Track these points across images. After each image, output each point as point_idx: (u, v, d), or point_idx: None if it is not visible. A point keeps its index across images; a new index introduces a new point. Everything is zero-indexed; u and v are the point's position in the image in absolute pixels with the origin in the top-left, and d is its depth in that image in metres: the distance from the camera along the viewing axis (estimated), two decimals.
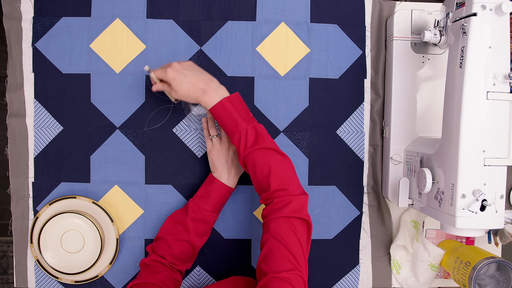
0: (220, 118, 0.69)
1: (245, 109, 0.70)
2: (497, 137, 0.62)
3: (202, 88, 0.69)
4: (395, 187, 0.82)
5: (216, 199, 0.76)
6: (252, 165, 0.68)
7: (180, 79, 0.69)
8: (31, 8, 0.81)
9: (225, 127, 0.70)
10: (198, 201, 0.76)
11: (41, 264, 0.81)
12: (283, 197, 0.64)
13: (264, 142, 0.68)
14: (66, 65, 0.81)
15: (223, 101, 0.68)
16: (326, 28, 0.84)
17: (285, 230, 0.62)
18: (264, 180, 0.67)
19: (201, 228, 0.75)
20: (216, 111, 0.69)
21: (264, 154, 0.67)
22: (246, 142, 0.68)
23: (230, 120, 0.69)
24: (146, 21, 0.82)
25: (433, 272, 0.83)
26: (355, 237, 0.86)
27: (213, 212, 0.76)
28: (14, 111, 0.81)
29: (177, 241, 0.74)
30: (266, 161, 0.67)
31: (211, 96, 0.69)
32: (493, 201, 0.62)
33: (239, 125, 0.68)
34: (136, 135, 0.83)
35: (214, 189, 0.76)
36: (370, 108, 0.85)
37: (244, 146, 0.68)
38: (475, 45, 0.61)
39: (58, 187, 0.82)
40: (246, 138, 0.68)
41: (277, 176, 0.66)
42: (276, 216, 0.63)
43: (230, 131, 0.69)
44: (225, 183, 0.76)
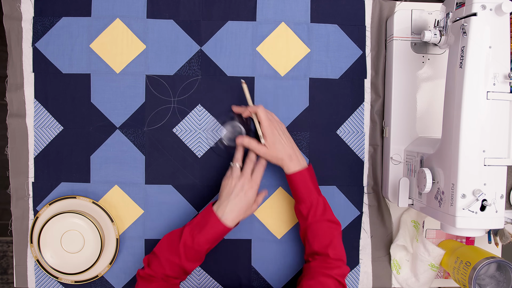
0: (296, 184, 0.74)
1: (316, 181, 0.77)
2: (497, 137, 0.62)
3: (290, 155, 0.75)
4: (395, 187, 0.82)
5: (208, 236, 0.70)
6: (313, 235, 0.74)
7: (278, 138, 0.74)
8: (31, 8, 0.81)
9: (298, 193, 0.75)
10: (193, 229, 0.71)
11: (41, 264, 0.81)
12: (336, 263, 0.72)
13: (329, 214, 0.75)
14: (66, 65, 0.81)
15: (304, 171, 0.74)
16: (326, 28, 0.84)
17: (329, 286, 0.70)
18: (322, 249, 0.73)
19: (192, 256, 0.71)
20: (296, 178, 0.74)
21: (328, 226, 0.74)
22: (316, 212, 0.74)
23: (305, 189, 0.74)
24: (146, 21, 0.82)
25: (433, 272, 0.83)
26: (355, 237, 0.86)
27: (207, 244, 0.71)
28: (14, 111, 0.81)
29: (168, 263, 0.70)
30: (329, 234, 0.74)
31: (294, 164, 0.74)
32: (493, 201, 0.62)
33: (312, 195, 0.74)
34: (136, 135, 0.83)
35: (208, 224, 0.70)
36: (370, 108, 0.85)
37: (313, 215, 0.74)
38: (475, 45, 0.61)
39: (58, 187, 0.82)
40: (316, 208, 0.74)
41: (336, 248, 0.73)
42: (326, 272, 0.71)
43: (301, 198, 0.75)
44: (220, 219, 0.70)
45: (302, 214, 0.75)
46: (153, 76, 0.82)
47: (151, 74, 0.82)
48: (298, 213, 0.77)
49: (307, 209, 0.74)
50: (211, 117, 0.83)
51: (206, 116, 0.83)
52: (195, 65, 0.83)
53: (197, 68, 0.83)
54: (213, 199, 0.84)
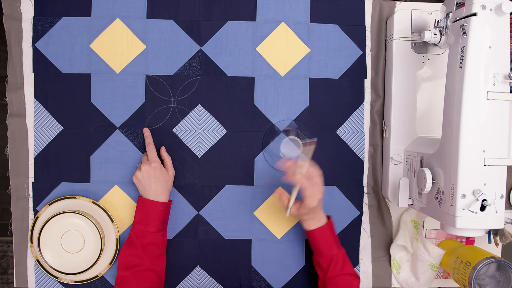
0: (316, 240, 0.75)
1: (336, 234, 0.78)
2: (497, 137, 0.62)
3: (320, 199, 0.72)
4: (395, 187, 0.82)
5: (154, 218, 0.75)
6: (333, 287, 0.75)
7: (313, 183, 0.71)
8: (31, 8, 0.81)
9: (318, 248, 0.76)
10: (138, 226, 0.75)
11: (41, 264, 0.81)
12: None
13: (348, 268, 0.76)
14: (66, 65, 0.81)
15: (325, 227, 0.75)
16: (326, 28, 0.84)
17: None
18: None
19: (153, 251, 0.75)
20: (316, 234, 0.75)
21: (347, 281, 0.75)
22: (335, 267, 0.75)
23: (326, 244, 0.75)
24: (146, 21, 0.82)
25: (433, 272, 0.83)
26: (355, 237, 0.86)
27: (158, 231, 0.76)
28: (14, 111, 0.81)
29: (138, 273, 0.73)
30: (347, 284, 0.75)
31: (316, 221, 0.75)
32: (493, 201, 0.62)
33: (332, 250, 0.75)
34: (136, 135, 0.82)
35: (149, 210, 0.75)
36: (370, 108, 0.85)
37: (333, 269, 0.74)
38: (475, 45, 0.61)
39: (58, 187, 0.82)
40: (336, 263, 0.75)
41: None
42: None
43: (321, 252, 0.75)
44: (155, 200, 0.76)
45: (322, 267, 0.76)
46: (153, 76, 0.82)
47: (151, 74, 0.82)
48: (317, 265, 0.77)
49: (327, 263, 0.75)
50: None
51: (206, 116, 0.83)
52: (195, 65, 0.83)
53: (197, 68, 0.83)
54: (210, 203, 0.84)
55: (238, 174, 0.84)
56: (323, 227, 0.75)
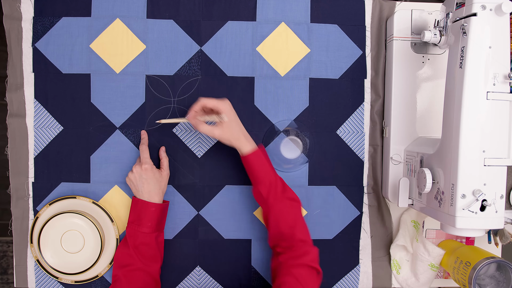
0: (253, 164, 0.74)
1: (270, 161, 0.77)
2: (497, 137, 0.62)
3: (244, 134, 0.75)
4: (395, 187, 0.82)
5: (147, 219, 0.75)
6: (277, 214, 0.73)
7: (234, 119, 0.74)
8: (31, 8, 0.81)
9: (256, 174, 0.74)
10: (132, 226, 0.76)
11: (41, 264, 0.81)
12: (303, 247, 0.71)
13: (289, 192, 0.75)
14: (66, 65, 0.81)
15: (258, 151, 0.74)
16: (326, 28, 0.84)
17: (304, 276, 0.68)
18: (287, 230, 0.72)
19: (146, 252, 0.75)
20: (252, 158, 0.74)
21: (290, 205, 0.74)
22: (276, 191, 0.73)
23: (262, 169, 0.74)
24: (146, 21, 0.82)
25: (433, 272, 0.83)
26: (355, 237, 0.86)
27: (152, 232, 0.76)
28: (14, 111, 0.81)
29: (130, 273, 0.73)
30: (292, 214, 0.73)
31: (250, 143, 0.75)
32: (493, 201, 0.62)
33: (269, 175, 0.74)
34: (136, 135, 0.82)
35: (141, 210, 0.75)
36: (370, 108, 0.85)
37: (274, 194, 0.73)
38: (475, 45, 0.61)
39: (58, 187, 0.82)
40: (276, 188, 0.73)
41: (301, 228, 0.73)
42: (297, 262, 0.69)
43: (259, 178, 0.74)
44: (148, 201, 0.76)
45: (262, 195, 0.74)
46: (153, 76, 0.82)
47: (151, 74, 0.82)
48: (258, 195, 0.75)
49: (267, 189, 0.73)
50: None
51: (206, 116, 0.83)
52: (195, 65, 0.83)
53: (197, 68, 0.83)
54: (210, 202, 0.84)
55: (238, 174, 0.84)
56: (257, 150, 0.74)
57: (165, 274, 0.84)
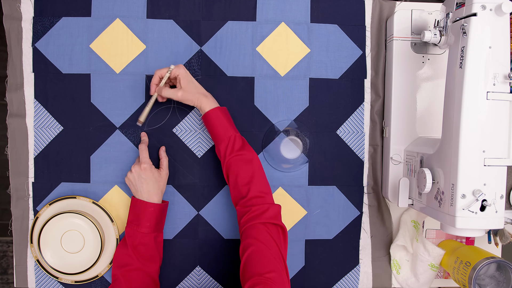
0: (212, 122, 0.75)
1: (232, 122, 0.77)
2: (497, 137, 0.62)
3: (204, 93, 0.76)
4: (395, 187, 0.82)
5: (146, 219, 0.75)
6: (235, 171, 0.73)
7: (189, 78, 0.76)
8: (31, 8, 0.81)
9: (215, 132, 0.75)
10: (131, 225, 0.76)
11: (41, 264, 0.81)
12: (261, 205, 0.70)
13: (247, 148, 0.75)
14: (66, 65, 0.81)
15: (217, 109, 0.75)
16: (326, 28, 0.84)
17: (264, 235, 0.66)
18: (244, 187, 0.72)
19: (144, 252, 0.75)
20: (212, 115, 0.74)
21: (248, 161, 0.73)
22: (233, 147, 0.73)
23: (221, 126, 0.74)
24: (146, 21, 0.82)
25: (433, 272, 0.83)
26: (355, 237, 0.86)
27: (150, 232, 0.76)
28: (14, 111, 0.81)
29: (129, 273, 0.74)
30: (249, 170, 0.73)
31: (210, 101, 0.75)
32: (493, 201, 0.62)
33: (228, 132, 0.74)
34: (136, 135, 0.82)
35: (140, 210, 0.76)
36: (370, 108, 0.85)
37: (231, 150, 0.73)
38: (475, 45, 0.61)
39: (58, 187, 0.82)
40: (234, 144, 0.74)
41: (257, 184, 0.72)
42: (256, 222, 0.68)
43: (219, 136, 0.75)
44: (147, 201, 0.76)
45: (221, 152, 0.75)
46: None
47: (151, 74, 0.82)
48: (218, 153, 0.77)
49: (225, 146, 0.74)
50: None
51: None
52: (195, 65, 0.83)
53: (197, 68, 0.83)
54: (209, 202, 0.84)
55: None
56: (217, 108, 0.75)
57: (165, 274, 0.84)
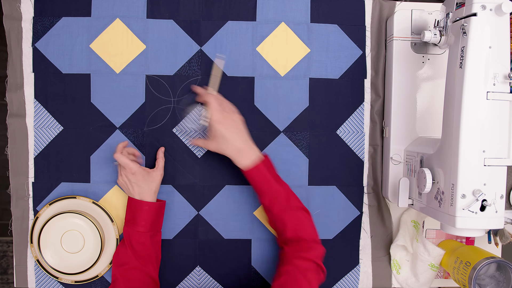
0: (252, 180, 0.74)
1: (274, 171, 0.76)
2: (497, 137, 0.62)
3: (239, 149, 0.73)
4: (395, 187, 0.82)
5: (141, 217, 0.75)
6: (282, 224, 0.73)
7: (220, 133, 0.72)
8: (31, 8, 0.81)
9: (257, 188, 0.74)
10: (128, 224, 0.76)
11: (41, 264, 0.81)
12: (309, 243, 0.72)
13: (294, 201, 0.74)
14: (66, 65, 0.81)
15: (259, 165, 0.73)
16: (326, 28, 0.84)
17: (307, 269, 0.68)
18: (294, 234, 0.72)
19: (141, 251, 0.75)
20: (250, 174, 0.73)
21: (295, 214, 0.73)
22: (279, 202, 0.73)
23: (263, 182, 0.73)
24: (146, 21, 0.82)
25: (433, 272, 0.83)
26: (355, 237, 0.86)
27: (146, 232, 0.76)
28: (14, 111, 0.81)
29: (127, 272, 0.74)
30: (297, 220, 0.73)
31: (245, 158, 0.73)
32: (493, 201, 0.62)
33: (272, 187, 0.73)
34: (136, 135, 0.82)
35: (135, 209, 0.76)
36: (370, 108, 0.85)
37: (278, 206, 0.73)
38: (475, 45, 0.61)
39: (58, 187, 0.82)
40: (278, 199, 0.73)
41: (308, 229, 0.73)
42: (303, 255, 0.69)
43: (261, 191, 0.74)
44: (140, 199, 0.76)
45: (266, 206, 0.75)
46: (153, 76, 0.82)
47: (151, 74, 0.82)
48: (265, 207, 0.76)
49: (269, 201, 0.73)
50: None
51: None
52: (195, 65, 0.83)
53: (197, 68, 0.83)
54: (209, 203, 0.84)
55: (238, 174, 0.84)
56: (258, 165, 0.72)
57: (165, 274, 0.84)
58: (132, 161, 0.75)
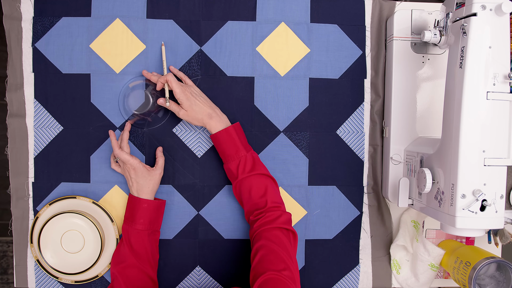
0: (222, 143, 0.75)
1: (245, 138, 0.78)
2: (497, 137, 0.62)
3: (209, 113, 0.75)
4: (395, 187, 0.82)
5: (139, 215, 0.76)
6: (248, 188, 0.74)
7: (191, 100, 0.75)
8: (31, 8, 0.81)
9: (225, 152, 0.76)
10: (126, 222, 0.77)
11: (41, 264, 0.81)
12: (275, 211, 0.72)
13: (259, 169, 0.75)
14: (66, 65, 0.81)
15: (229, 128, 0.75)
16: (326, 28, 0.84)
17: (279, 237, 0.69)
18: (260, 199, 0.74)
19: (138, 249, 0.75)
20: (221, 136, 0.75)
21: (259, 178, 0.75)
22: (244, 167, 0.74)
23: (232, 147, 0.75)
24: (146, 21, 0.82)
25: (433, 272, 0.83)
26: (355, 237, 0.86)
27: (144, 230, 0.76)
28: (14, 111, 0.81)
29: (124, 270, 0.75)
30: (262, 183, 0.74)
31: (216, 121, 0.75)
32: (493, 201, 0.62)
33: (239, 152, 0.75)
34: (136, 135, 0.82)
35: (134, 206, 0.76)
36: (370, 108, 0.85)
37: (242, 170, 0.74)
38: (475, 45, 0.61)
39: (58, 187, 0.82)
40: (245, 164, 0.74)
41: (272, 195, 0.74)
42: (269, 226, 0.70)
43: (229, 156, 0.75)
44: (138, 196, 0.76)
45: (232, 172, 0.75)
46: None
47: None
48: (229, 172, 0.77)
49: (236, 166, 0.74)
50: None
51: None
52: (195, 65, 0.83)
53: (197, 68, 0.83)
54: (210, 201, 0.84)
55: None
56: (228, 128, 0.75)
57: (165, 274, 0.84)
58: (133, 157, 0.76)
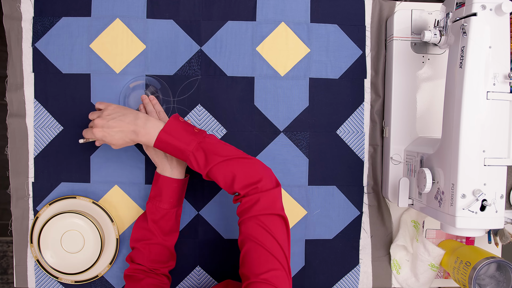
0: (165, 151, 0.69)
1: (186, 131, 0.68)
2: (497, 137, 0.62)
3: (133, 130, 0.68)
4: (395, 187, 0.82)
5: (169, 195, 0.74)
6: (216, 179, 0.67)
7: (109, 134, 0.68)
8: (31, 8, 0.81)
9: (174, 156, 0.69)
10: (153, 201, 0.75)
11: (41, 264, 0.81)
12: (251, 196, 0.63)
13: (216, 158, 0.66)
14: (66, 65, 0.81)
15: (160, 135, 0.67)
16: (326, 28, 0.84)
17: (256, 230, 0.61)
18: (230, 189, 0.66)
19: (165, 227, 0.75)
20: (159, 146, 0.68)
21: (221, 167, 0.66)
22: (198, 164, 0.67)
23: (175, 150, 0.68)
24: (146, 21, 0.82)
25: (433, 272, 0.83)
26: (355, 237, 0.86)
27: (171, 208, 0.75)
28: (14, 111, 0.81)
29: (147, 246, 0.75)
30: (227, 171, 0.66)
31: (144, 134, 0.68)
32: (493, 201, 0.62)
33: (184, 152, 0.67)
34: None
35: (163, 186, 0.74)
36: (370, 108, 0.85)
37: (198, 168, 0.67)
38: (475, 45, 0.61)
39: (58, 187, 0.82)
40: (197, 161, 0.67)
41: (241, 180, 0.65)
42: (246, 216, 0.63)
43: (180, 158, 0.69)
44: (171, 176, 0.73)
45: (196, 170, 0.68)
46: (153, 76, 0.82)
47: (151, 74, 0.82)
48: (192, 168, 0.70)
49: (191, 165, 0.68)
50: None
51: (206, 116, 0.83)
52: (195, 65, 0.83)
53: (197, 68, 0.83)
54: None
55: None
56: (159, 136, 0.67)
57: None
58: None
